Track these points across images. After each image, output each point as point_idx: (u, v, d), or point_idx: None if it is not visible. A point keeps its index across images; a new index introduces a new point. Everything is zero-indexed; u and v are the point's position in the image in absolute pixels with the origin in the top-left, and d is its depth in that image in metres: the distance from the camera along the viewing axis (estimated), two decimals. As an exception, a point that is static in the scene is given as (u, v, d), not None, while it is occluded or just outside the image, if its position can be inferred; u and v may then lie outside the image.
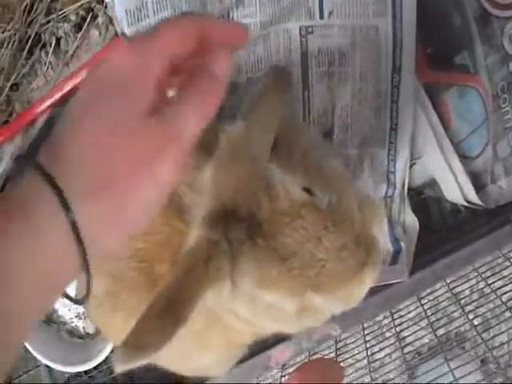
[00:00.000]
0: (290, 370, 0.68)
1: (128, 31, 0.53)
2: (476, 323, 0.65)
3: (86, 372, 0.70)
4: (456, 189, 0.57)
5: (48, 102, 0.59)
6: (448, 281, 0.63)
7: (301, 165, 0.39)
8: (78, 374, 0.71)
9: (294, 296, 0.38)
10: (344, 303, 0.41)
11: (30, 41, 0.62)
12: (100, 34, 0.60)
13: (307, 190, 0.38)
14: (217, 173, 0.37)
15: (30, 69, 0.63)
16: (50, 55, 0.62)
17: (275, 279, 0.37)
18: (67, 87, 0.57)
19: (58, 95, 0.58)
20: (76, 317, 0.72)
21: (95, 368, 0.69)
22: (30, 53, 0.63)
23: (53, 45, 0.62)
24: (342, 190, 0.40)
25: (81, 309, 0.71)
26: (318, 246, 0.37)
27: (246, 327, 0.47)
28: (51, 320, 0.72)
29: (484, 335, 0.64)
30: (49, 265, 0.28)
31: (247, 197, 0.36)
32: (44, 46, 0.63)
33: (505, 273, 0.61)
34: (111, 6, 0.55)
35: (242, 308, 0.41)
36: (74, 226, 0.28)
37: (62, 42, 0.62)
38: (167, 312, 0.32)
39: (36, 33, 0.62)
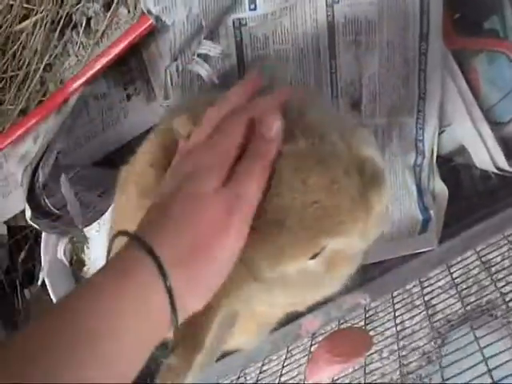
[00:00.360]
0: (320, 339, 0.69)
1: (154, 9, 0.54)
2: (507, 291, 0.64)
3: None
4: (486, 155, 0.56)
5: (80, 81, 0.60)
6: (478, 249, 0.63)
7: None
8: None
9: (311, 252, 0.37)
10: (362, 234, 0.39)
11: (61, 21, 0.63)
12: (129, 11, 0.61)
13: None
14: None
15: (62, 49, 0.65)
16: (80, 35, 0.63)
17: (284, 248, 0.36)
18: (97, 66, 0.58)
19: (88, 74, 0.59)
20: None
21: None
22: (62, 33, 0.64)
23: (83, 25, 0.63)
24: (325, 132, 0.38)
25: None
26: (305, 191, 0.35)
27: (280, 310, 0.47)
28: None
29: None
30: (147, 326, 0.32)
31: None
32: (75, 26, 0.64)
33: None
34: (138, -16, 0.56)
35: (278, 294, 0.40)
36: (170, 292, 0.32)
37: (93, 21, 0.63)
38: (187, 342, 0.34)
39: (67, 13, 0.63)
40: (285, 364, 0.70)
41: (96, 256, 0.75)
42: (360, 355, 0.61)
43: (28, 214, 0.62)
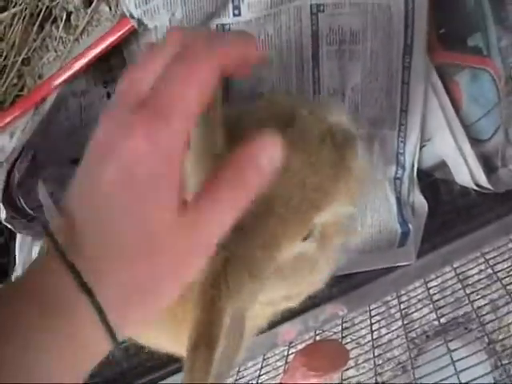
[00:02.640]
0: (297, 348, 0.69)
1: (135, 13, 0.52)
2: (481, 305, 0.65)
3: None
4: (466, 172, 0.56)
5: (58, 81, 0.59)
6: (455, 265, 0.63)
7: None
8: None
9: (304, 232, 0.37)
10: (351, 198, 0.39)
11: (40, 15, 0.62)
12: (110, 9, 0.60)
13: None
14: None
15: (40, 43, 0.63)
16: (60, 30, 0.62)
17: (277, 236, 0.35)
18: (76, 67, 0.57)
19: (67, 74, 0.58)
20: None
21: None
22: (41, 27, 0.63)
23: (63, 19, 0.62)
24: (295, 112, 0.38)
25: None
26: (287, 175, 0.35)
27: (271, 309, 0.46)
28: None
29: (490, 317, 0.64)
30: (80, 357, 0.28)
31: None
32: (55, 20, 0.62)
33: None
34: (120, -17, 0.55)
35: (277, 288, 0.39)
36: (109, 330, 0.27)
37: (73, 17, 0.61)
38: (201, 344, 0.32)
39: (47, 7, 0.62)
40: (261, 373, 0.70)
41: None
42: (336, 370, 0.60)
43: (3, 214, 0.60)
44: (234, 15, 0.54)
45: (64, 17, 0.61)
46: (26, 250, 0.72)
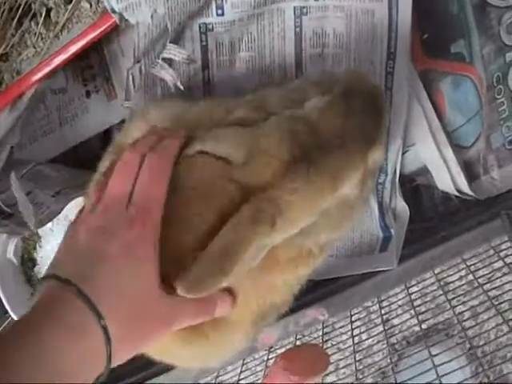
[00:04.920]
0: (277, 352, 0.68)
1: (117, 7, 0.51)
2: (462, 310, 0.65)
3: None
4: (448, 178, 0.56)
5: (37, 76, 0.57)
6: (437, 271, 0.63)
7: None
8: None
9: (362, 166, 0.40)
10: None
11: (19, 10, 0.61)
12: (91, 6, 0.59)
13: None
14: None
15: (19, 39, 0.62)
16: (40, 26, 0.61)
17: (341, 165, 0.39)
18: (55, 63, 0.56)
19: (46, 70, 0.56)
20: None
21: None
22: (20, 23, 0.61)
23: (43, 15, 0.60)
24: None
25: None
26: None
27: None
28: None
29: (470, 323, 0.64)
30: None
31: None
32: (34, 16, 0.61)
33: (495, 265, 0.60)
34: (101, -20, 0.53)
35: (323, 230, 0.43)
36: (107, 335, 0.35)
37: (53, 13, 0.60)
38: (223, 254, 0.36)
39: (26, 2, 0.60)
40: (240, 377, 0.69)
41: (47, 255, 0.73)
42: (317, 374, 0.60)
43: (-23, 212, 0.59)
44: (218, 15, 0.53)
45: (44, 13, 0.60)
46: (1, 247, 0.71)
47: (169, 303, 0.39)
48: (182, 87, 0.56)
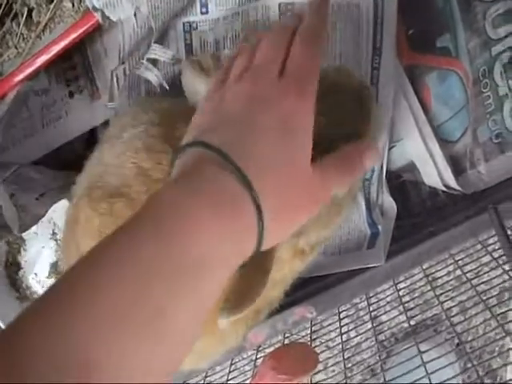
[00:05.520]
0: (266, 351, 0.68)
1: (97, 4, 0.51)
2: (450, 306, 0.65)
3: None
4: (435, 173, 0.56)
5: (18, 78, 0.57)
6: (425, 266, 0.63)
7: None
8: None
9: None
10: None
11: (0, 11, 0.60)
12: (73, 5, 0.58)
13: None
14: None
15: (0, 40, 0.61)
16: (21, 26, 0.60)
17: None
18: (37, 63, 0.55)
19: (28, 71, 0.56)
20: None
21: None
22: (1, 23, 0.60)
23: (24, 15, 0.59)
24: None
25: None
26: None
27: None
28: (25, 296, 0.71)
29: (459, 319, 0.65)
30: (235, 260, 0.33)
31: None
32: (15, 16, 0.60)
33: (482, 260, 0.61)
34: (82, -22, 0.53)
35: (313, 230, 0.43)
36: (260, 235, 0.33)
37: (34, 12, 0.59)
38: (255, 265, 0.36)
39: (7, 2, 0.60)
40: (229, 377, 0.69)
41: (32, 258, 0.71)
42: (306, 373, 0.60)
43: (-41, 215, 0.58)
44: (202, 13, 0.53)
45: (25, 13, 0.59)
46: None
47: (318, 173, 0.36)
48: (167, 87, 0.55)
